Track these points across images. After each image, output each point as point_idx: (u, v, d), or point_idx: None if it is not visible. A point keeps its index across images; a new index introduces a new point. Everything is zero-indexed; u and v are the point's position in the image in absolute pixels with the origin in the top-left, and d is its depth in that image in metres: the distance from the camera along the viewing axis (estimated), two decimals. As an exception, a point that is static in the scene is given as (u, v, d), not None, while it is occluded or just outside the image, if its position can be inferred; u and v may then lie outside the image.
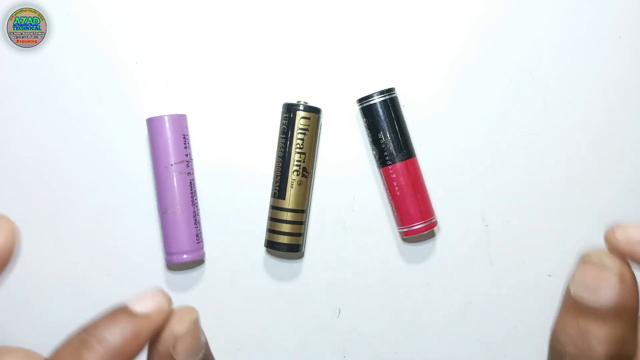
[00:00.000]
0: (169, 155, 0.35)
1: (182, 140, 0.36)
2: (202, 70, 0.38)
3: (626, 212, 0.37)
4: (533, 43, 0.37)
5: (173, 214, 0.35)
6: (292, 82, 0.38)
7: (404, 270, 0.38)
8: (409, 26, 0.37)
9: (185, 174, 0.36)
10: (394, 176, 0.35)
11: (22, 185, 0.38)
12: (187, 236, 0.36)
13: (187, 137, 0.36)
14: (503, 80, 0.37)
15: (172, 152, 0.35)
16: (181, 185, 0.36)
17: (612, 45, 0.37)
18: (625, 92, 0.37)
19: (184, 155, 0.36)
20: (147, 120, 0.36)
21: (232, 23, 0.38)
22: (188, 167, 0.36)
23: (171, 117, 0.35)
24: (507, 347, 0.38)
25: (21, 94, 0.38)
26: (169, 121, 0.35)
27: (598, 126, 0.37)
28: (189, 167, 0.36)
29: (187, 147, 0.36)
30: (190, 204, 0.36)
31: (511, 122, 0.37)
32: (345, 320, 0.38)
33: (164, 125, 0.35)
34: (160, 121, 0.35)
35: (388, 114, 0.35)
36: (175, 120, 0.36)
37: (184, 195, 0.36)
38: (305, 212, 0.36)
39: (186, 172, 0.36)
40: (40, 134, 0.38)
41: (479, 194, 0.37)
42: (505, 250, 0.38)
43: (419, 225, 0.35)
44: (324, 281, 0.38)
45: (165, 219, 0.36)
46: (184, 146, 0.36)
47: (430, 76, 0.37)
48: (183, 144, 0.36)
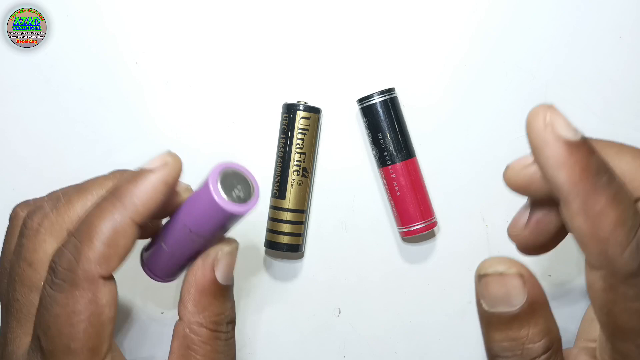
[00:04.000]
0: (199, 223, 0.26)
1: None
2: (202, 70, 0.38)
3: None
4: (533, 43, 0.37)
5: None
6: (292, 82, 0.38)
7: (404, 270, 0.38)
8: (408, 26, 0.37)
9: (201, 238, 0.27)
10: (394, 176, 0.35)
11: (22, 185, 0.38)
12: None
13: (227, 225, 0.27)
14: (503, 80, 0.37)
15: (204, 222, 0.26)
16: (192, 249, 0.27)
17: (612, 45, 0.37)
18: (625, 92, 0.37)
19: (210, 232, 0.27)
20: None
21: (232, 23, 0.38)
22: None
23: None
24: (507, 347, 0.38)
25: (21, 94, 0.38)
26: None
27: (598, 126, 0.37)
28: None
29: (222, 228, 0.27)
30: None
31: (511, 121, 0.37)
32: (345, 320, 0.38)
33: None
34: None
35: (388, 114, 0.35)
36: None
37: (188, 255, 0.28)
38: (305, 212, 0.36)
39: (202, 237, 0.27)
40: (40, 134, 0.38)
41: (479, 194, 0.37)
42: (505, 250, 0.38)
43: (419, 225, 0.35)
44: (324, 281, 0.38)
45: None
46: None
47: (431, 76, 0.37)
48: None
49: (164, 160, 0.25)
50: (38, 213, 0.26)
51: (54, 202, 0.26)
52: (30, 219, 0.26)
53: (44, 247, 0.25)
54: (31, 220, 0.26)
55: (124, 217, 0.24)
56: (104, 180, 0.27)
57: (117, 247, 0.24)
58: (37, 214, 0.26)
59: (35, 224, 0.26)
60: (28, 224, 0.26)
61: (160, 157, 0.25)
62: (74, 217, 0.26)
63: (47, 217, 0.26)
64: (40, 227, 0.26)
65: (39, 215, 0.26)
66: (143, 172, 0.25)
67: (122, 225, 0.24)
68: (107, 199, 0.24)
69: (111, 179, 0.27)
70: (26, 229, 0.26)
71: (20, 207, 0.28)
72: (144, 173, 0.24)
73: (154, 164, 0.25)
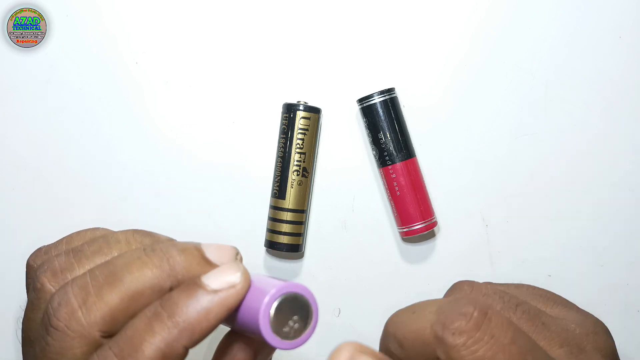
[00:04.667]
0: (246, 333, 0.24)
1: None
2: (202, 70, 0.38)
3: (626, 212, 0.37)
4: (533, 43, 0.37)
5: None
6: (292, 82, 0.38)
7: (404, 270, 0.38)
8: (408, 26, 0.37)
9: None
10: (394, 176, 0.35)
11: (22, 185, 0.38)
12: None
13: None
14: (503, 80, 0.37)
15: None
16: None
17: (612, 45, 0.37)
18: (625, 92, 0.37)
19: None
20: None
21: (232, 23, 0.38)
22: None
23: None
24: (507, 347, 0.38)
25: (21, 94, 0.38)
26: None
27: (598, 126, 0.37)
28: None
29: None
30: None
31: (511, 121, 0.37)
32: (345, 320, 0.38)
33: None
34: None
35: (388, 114, 0.35)
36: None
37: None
38: (305, 212, 0.36)
39: None
40: (40, 134, 0.38)
41: (479, 194, 0.37)
42: (505, 250, 0.38)
43: (419, 225, 0.35)
44: (324, 281, 0.38)
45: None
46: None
47: (431, 76, 0.37)
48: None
49: (231, 281, 0.22)
50: (64, 307, 0.22)
51: (82, 294, 0.22)
52: (55, 316, 0.22)
53: (72, 352, 0.22)
54: (57, 317, 0.22)
55: (177, 343, 0.21)
56: (141, 268, 0.22)
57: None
58: (62, 309, 0.22)
59: (62, 324, 0.22)
60: (53, 320, 0.22)
61: (228, 272, 0.22)
62: (107, 316, 0.22)
63: (75, 317, 0.22)
64: (67, 330, 0.22)
65: (65, 311, 0.22)
66: (205, 290, 0.21)
67: (172, 352, 0.21)
68: (159, 317, 0.21)
69: (150, 269, 0.22)
70: (51, 326, 0.22)
71: (36, 262, 0.25)
72: (206, 293, 0.21)
73: (220, 281, 0.22)
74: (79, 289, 0.22)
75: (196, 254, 0.23)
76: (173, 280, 0.22)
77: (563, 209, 0.37)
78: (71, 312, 0.22)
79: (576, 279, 0.37)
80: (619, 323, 0.30)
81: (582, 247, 0.37)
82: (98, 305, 0.22)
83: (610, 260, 0.37)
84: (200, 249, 0.23)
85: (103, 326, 0.22)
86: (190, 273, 0.22)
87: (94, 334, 0.22)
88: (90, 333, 0.22)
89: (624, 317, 0.37)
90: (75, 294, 0.22)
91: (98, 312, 0.22)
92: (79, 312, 0.22)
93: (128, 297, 0.22)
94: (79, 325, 0.22)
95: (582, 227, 0.37)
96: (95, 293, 0.22)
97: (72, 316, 0.22)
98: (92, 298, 0.22)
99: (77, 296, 0.22)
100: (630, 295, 0.37)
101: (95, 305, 0.22)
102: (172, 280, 0.22)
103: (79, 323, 0.22)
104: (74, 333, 0.21)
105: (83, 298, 0.22)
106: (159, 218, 0.38)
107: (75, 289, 0.22)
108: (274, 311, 0.21)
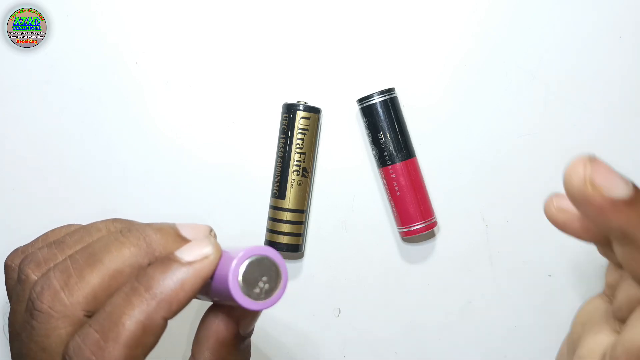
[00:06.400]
0: (222, 300, 0.25)
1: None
2: (202, 70, 0.38)
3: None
4: (533, 43, 0.37)
5: None
6: (292, 82, 0.38)
7: (404, 270, 0.38)
8: (408, 26, 0.37)
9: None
10: (394, 176, 0.35)
11: (22, 185, 0.38)
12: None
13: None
14: (503, 80, 0.37)
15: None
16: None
17: (612, 46, 0.37)
18: (625, 92, 0.37)
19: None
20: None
21: (232, 23, 0.38)
22: None
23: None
24: (507, 347, 0.38)
25: (21, 94, 0.38)
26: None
27: (598, 126, 0.37)
28: None
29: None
30: None
31: (511, 122, 0.37)
32: (345, 320, 0.38)
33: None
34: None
35: (388, 114, 0.35)
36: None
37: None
38: (305, 212, 0.36)
39: None
40: (40, 134, 0.38)
41: (479, 194, 0.37)
42: (505, 250, 0.38)
43: (419, 225, 0.35)
44: (324, 281, 0.38)
45: None
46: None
47: (431, 76, 0.37)
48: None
49: (204, 253, 0.22)
50: (47, 291, 0.22)
51: (63, 275, 0.23)
52: (39, 299, 0.22)
53: (57, 333, 0.22)
54: (40, 300, 0.22)
55: (155, 315, 0.21)
56: (119, 248, 0.23)
57: (144, 346, 0.21)
58: (45, 292, 0.22)
59: (46, 306, 0.22)
60: (37, 303, 0.22)
61: (200, 245, 0.23)
62: (89, 295, 0.22)
63: (58, 297, 0.22)
64: (51, 311, 0.22)
65: (48, 294, 0.22)
66: (180, 263, 0.22)
67: (152, 324, 0.21)
68: (137, 291, 0.22)
69: (128, 247, 0.23)
70: (35, 310, 0.22)
71: (14, 262, 0.26)
72: (181, 266, 0.22)
73: (193, 254, 0.22)
74: (60, 272, 0.23)
75: (171, 232, 0.24)
76: (151, 257, 0.23)
77: (563, 209, 0.37)
78: (54, 293, 0.22)
79: (576, 279, 0.37)
80: (619, 323, 0.30)
81: (582, 247, 0.37)
82: (79, 285, 0.22)
83: (610, 260, 0.37)
84: (175, 227, 0.24)
85: (86, 306, 0.22)
86: (167, 250, 0.23)
87: (77, 313, 0.22)
88: (73, 313, 0.22)
89: (624, 317, 0.37)
90: (57, 277, 0.23)
91: (80, 292, 0.22)
92: (61, 293, 0.22)
93: (108, 276, 0.22)
94: (62, 306, 0.22)
95: (582, 227, 0.37)
96: (77, 274, 0.22)
97: (55, 297, 0.22)
98: (73, 279, 0.22)
99: (58, 279, 0.22)
100: (630, 295, 0.37)
101: (77, 285, 0.22)
102: (149, 257, 0.23)
103: (62, 304, 0.22)
104: (58, 314, 0.22)
105: (65, 280, 0.22)
106: (159, 218, 0.37)
107: (56, 273, 0.23)
108: (242, 274, 0.22)
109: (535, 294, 0.37)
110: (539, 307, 0.37)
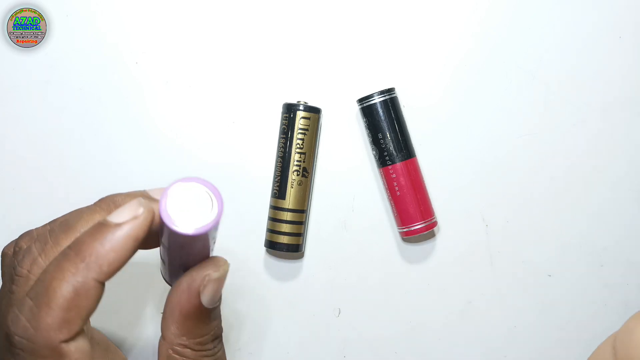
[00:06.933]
0: (171, 245, 0.25)
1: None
2: (202, 70, 0.38)
3: (626, 212, 0.37)
4: (533, 43, 0.37)
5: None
6: (292, 82, 0.38)
7: (404, 270, 0.38)
8: (408, 26, 0.37)
9: (183, 254, 0.26)
10: (394, 176, 0.35)
11: (22, 185, 0.38)
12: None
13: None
14: (503, 80, 0.37)
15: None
16: (182, 261, 0.27)
17: (612, 46, 0.37)
18: (626, 92, 0.37)
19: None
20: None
21: (232, 23, 0.38)
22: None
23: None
24: (507, 347, 0.38)
25: (21, 94, 0.38)
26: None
27: (598, 126, 0.37)
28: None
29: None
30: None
31: (511, 122, 0.37)
32: (345, 320, 0.38)
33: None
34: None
35: (388, 114, 0.35)
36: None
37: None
38: (305, 212, 0.36)
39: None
40: (40, 134, 0.38)
41: (479, 194, 0.37)
42: (505, 250, 0.38)
43: (419, 225, 0.35)
44: (324, 281, 0.38)
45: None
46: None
47: (431, 76, 0.37)
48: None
49: (134, 213, 0.22)
50: (27, 257, 0.24)
51: (42, 244, 0.24)
52: (20, 265, 0.24)
53: None
54: (21, 266, 0.24)
55: (86, 278, 0.22)
56: (91, 214, 0.25)
57: (79, 309, 0.22)
58: (26, 259, 0.24)
59: (25, 271, 0.24)
60: (17, 269, 0.24)
61: (130, 207, 0.23)
62: None
63: (36, 262, 0.24)
64: (29, 274, 0.23)
65: (28, 260, 0.24)
66: (109, 226, 0.22)
67: (84, 286, 0.22)
68: (67, 256, 0.22)
69: (98, 213, 0.25)
70: (16, 275, 0.24)
71: (8, 248, 0.27)
72: (110, 228, 0.22)
73: (122, 216, 0.22)
74: (39, 242, 0.24)
75: (140, 195, 0.25)
76: None
77: (563, 209, 0.37)
78: (33, 259, 0.24)
79: (576, 279, 0.37)
80: (619, 323, 0.30)
81: (582, 247, 0.37)
82: (55, 250, 0.24)
83: (610, 260, 0.37)
84: (145, 192, 0.25)
85: None
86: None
87: None
88: None
89: (624, 317, 0.37)
90: (36, 246, 0.24)
91: (55, 255, 0.23)
92: (39, 259, 0.24)
93: None
94: (39, 269, 0.23)
95: (582, 227, 0.37)
96: (53, 241, 0.24)
97: (33, 262, 0.24)
98: (49, 245, 0.24)
99: (37, 247, 0.24)
100: (630, 295, 0.37)
101: (52, 250, 0.24)
102: None
103: (39, 267, 0.23)
104: (35, 276, 0.23)
105: (42, 247, 0.24)
106: (159, 218, 0.38)
107: (36, 243, 0.24)
108: (170, 196, 0.22)
109: (535, 294, 0.37)
110: (539, 307, 0.37)
